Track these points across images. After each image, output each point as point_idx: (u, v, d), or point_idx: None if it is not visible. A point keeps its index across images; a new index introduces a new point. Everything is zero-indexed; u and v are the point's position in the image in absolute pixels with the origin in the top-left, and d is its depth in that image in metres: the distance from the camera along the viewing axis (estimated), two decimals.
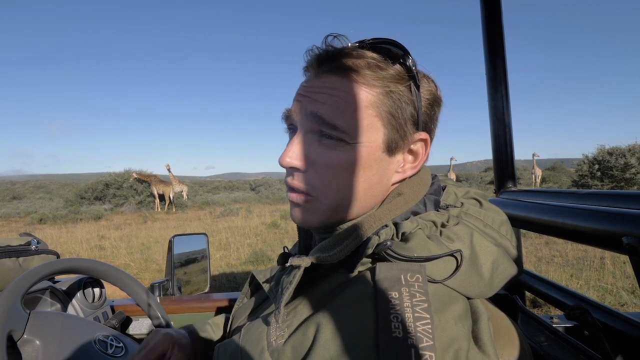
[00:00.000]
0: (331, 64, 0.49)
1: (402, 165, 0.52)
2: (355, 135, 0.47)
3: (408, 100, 0.49)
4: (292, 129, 0.54)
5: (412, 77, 0.49)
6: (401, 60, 0.49)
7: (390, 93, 0.48)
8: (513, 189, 1.06)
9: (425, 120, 0.51)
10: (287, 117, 0.54)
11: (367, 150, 0.48)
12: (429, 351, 0.36)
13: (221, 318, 0.81)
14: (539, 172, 16.83)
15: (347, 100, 0.47)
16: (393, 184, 0.53)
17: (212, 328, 0.77)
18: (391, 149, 0.50)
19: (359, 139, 0.48)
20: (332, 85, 0.48)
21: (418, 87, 0.50)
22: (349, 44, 0.51)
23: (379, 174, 0.50)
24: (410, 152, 0.52)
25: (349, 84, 0.48)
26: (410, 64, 0.49)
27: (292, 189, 0.51)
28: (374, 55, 0.49)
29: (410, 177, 0.54)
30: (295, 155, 0.49)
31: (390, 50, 0.49)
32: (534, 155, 16.74)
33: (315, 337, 0.42)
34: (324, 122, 0.47)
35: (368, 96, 0.48)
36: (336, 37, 0.50)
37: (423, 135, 0.51)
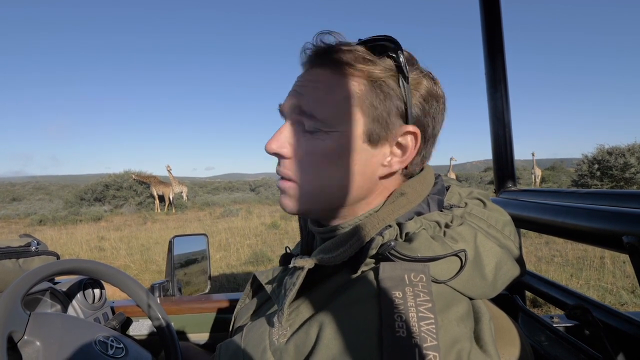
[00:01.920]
0: (319, 58, 0.51)
1: (388, 158, 0.52)
2: (332, 124, 0.49)
3: (394, 92, 0.49)
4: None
5: (400, 70, 0.49)
6: (390, 54, 0.49)
7: (373, 84, 0.49)
8: (513, 188, 1.06)
9: (417, 115, 0.51)
10: (280, 111, 0.56)
11: (346, 140, 0.49)
12: (433, 351, 0.36)
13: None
14: (538, 171, 16.81)
15: (327, 91, 0.49)
16: (381, 178, 0.52)
17: None
18: (373, 140, 0.50)
19: (338, 127, 0.49)
20: (316, 78, 0.51)
21: (407, 80, 0.50)
22: (341, 40, 0.52)
23: (361, 164, 0.50)
24: (399, 145, 0.52)
25: (332, 76, 0.50)
26: (400, 58, 0.49)
27: (280, 176, 0.54)
28: (361, 48, 0.50)
29: (409, 173, 0.54)
30: (278, 143, 0.52)
31: (380, 45, 0.50)
32: (533, 154, 16.71)
33: (318, 336, 0.42)
34: (303, 112, 0.50)
35: (350, 87, 0.49)
36: (328, 34, 0.51)
37: (411, 128, 0.50)
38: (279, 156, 0.53)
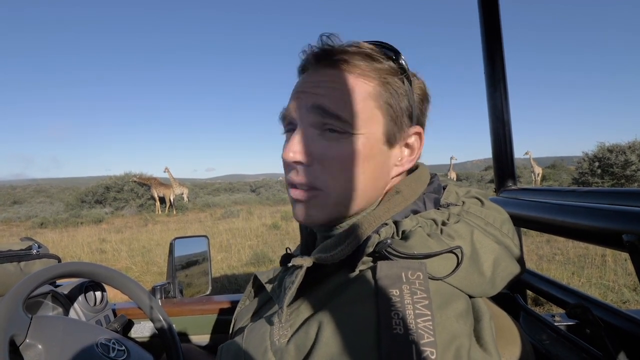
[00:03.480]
0: (329, 58, 0.50)
1: (399, 158, 0.53)
2: (358, 126, 0.47)
3: (403, 92, 0.51)
4: (290, 129, 0.53)
5: (404, 71, 0.51)
6: (393, 57, 0.51)
7: (386, 84, 0.50)
8: (513, 187, 1.06)
9: (418, 115, 0.53)
10: (285, 116, 0.53)
11: (370, 142, 0.48)
12: (430, 347, 0.36)
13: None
14: (538, 170, 16.68)
15: (347, 92, 0.48)
16: (392, 178, 0.54)
17: None
18: (390, 141, 0.51)
19: (362, 129, 0.48)
20: (331, 78, 0.49)
21: (410, 82, 0.52)
22: (343, 42, 0.52)
23: (380, 166, 0.51)
24: (407, 145, 0.54)
25: (347, 75, 0.49)
26: (402, 59, 0.51)
27: (294, 185, 0.50)
28: (370, 46, 0.51)
29: (407, 171, 0.55)
30: (298, 150, 0.48)
31: (381, 47, 0.51)
32: (527, 153, 16.47)
33: (317, 335, 0.42)
34: (327, 113, 0.47)
35: (367, 87, 0.49)
36: (330, 36, 0.52)
37: (418, 128, 0.53)
38: (299, 164, 0.49)
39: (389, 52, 0.51)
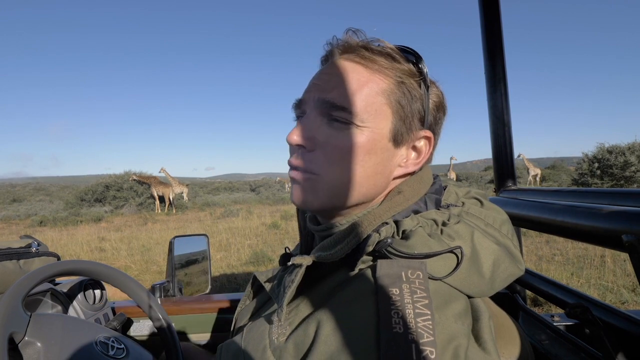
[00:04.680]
0: (350, 51, 0.51)
1: (405, 160, 0.53)
2: (364, 118, 0.48)
3: (418, 95, 0.51)
4: (300, 116, 0.54)
5: (422, 76, 0.51)
6: (414, 60, 0.51)
7: (401, 84, 0.50)
8: (513, 187, 1.06)
9: (430, 121, 0.53)
10: (298, 105, 0.54)
11: (375, 137, 0.49)
12: (430, 347, 0.36)
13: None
14: (536, 171, 16.45)
15: (358, 85, 0.49)
16: (394, 178, 0.53)
17: None
18: (397, 139, 0.51)
19: (368, 123, 0.49)
20: (345, 71, 0.50)
21: (427, 87, 0.52)
22: (371, 38, 0.53)
23: (383, 163, 0.51)
24: (414, 148, 0.53)
25: (363, 70, 0.50)
26: (422, 64, 0.51)
27: (295, 167, 0.52)
28: (392, 46, 0.51)
29: (411, 174, 0.54)
30: (302, 135, 0.50)
31: (404, 50, 0.52)
32: (520, 155, 16.22)
33: (316, 333, 0.42)
34: (334, 105, 0.49)
35: (380, 83, 0.49)
36: (356, 31, 0.52)
37: (428, 133, 0.52)
38: (301, 148, 0.51)
39: (411, 55, 0.52)
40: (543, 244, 5.31)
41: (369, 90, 0.49)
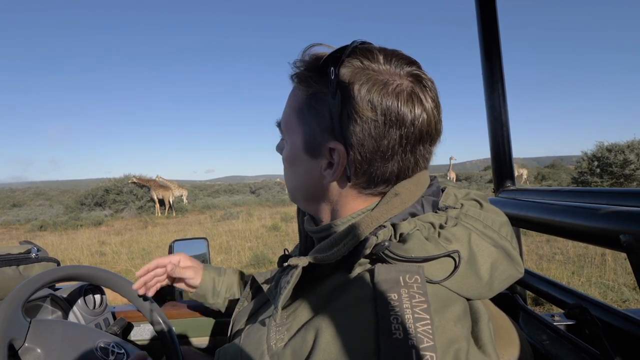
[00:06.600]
0: (291, 71, 0.54)
1: (325, 169, 0.51)
2: (286, 134, 0.56)
3: (324, 108, 0.49)
4: None
5: (339, 85, 0.47)
6: (332, 68, 0.47)
7: (310, 98, 0.51)
8: (512, 187, 1.06)
9: (355, 132, 0.46)
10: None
11: (293, 149, 0.55)
12: (430, 351, 0.36)
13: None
14: (519, 172, 16.17)
15: (287, 104, 0.56)
16: (336, 186, 0.51)
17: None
18: (310, 151, 0.52)
19: (287, 137, 0.56)
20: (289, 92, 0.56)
21: (334, 97, 0.47)
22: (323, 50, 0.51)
23: (308, 172, 0.54)
24: (330, 159, 0.50)
25: (292, 90, 0.55)
26: (333, 75, 0.46)
27: None
28: (310, 63, 0.51)
29: (353, 183, 0.51)
30: (276, 147, 0.63)
31: (326, 59, 0.49)
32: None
33: (315, 340, 0.42)
34: (278, 125, 0.59)
35: (295, 100, 0.54)
36: (312, 47, 0.52)
37: (334, 144, 0.48)
38: None
39: (332, 61, 0.47)
40: (543, 243, 5.31)
41: (288, 108, 0.55)
